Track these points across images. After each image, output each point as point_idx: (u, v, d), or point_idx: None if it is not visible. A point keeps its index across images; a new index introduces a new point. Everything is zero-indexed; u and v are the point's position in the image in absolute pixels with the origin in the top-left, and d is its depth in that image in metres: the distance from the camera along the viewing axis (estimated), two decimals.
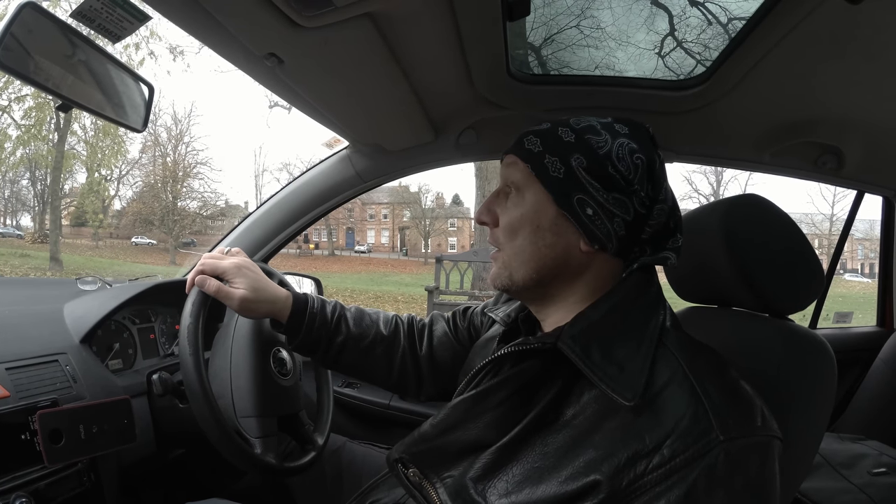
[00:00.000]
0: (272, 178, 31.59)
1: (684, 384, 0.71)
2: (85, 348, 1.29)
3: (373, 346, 1.19)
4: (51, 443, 1.04)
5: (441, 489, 0.83)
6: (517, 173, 0.89)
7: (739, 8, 1.22)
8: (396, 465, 0.92)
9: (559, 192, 0.84)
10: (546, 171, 0.85)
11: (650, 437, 0.68)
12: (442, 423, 0.88)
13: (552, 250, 0.86)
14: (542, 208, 0.86)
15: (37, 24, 0.98)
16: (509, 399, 0.83)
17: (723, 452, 0.65)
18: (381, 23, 1.07)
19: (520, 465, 0.76)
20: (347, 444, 1.55)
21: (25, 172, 25.04)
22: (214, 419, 1.06)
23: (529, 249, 0.87)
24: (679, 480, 0.65)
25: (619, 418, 0.72)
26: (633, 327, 0.80)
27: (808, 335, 1.00)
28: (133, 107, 1.28)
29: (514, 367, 0.87)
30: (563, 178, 0.83)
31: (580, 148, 0.84)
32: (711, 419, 0.67)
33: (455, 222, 33.83)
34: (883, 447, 1.72)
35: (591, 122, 0.86)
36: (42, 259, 17.72)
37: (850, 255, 27.70)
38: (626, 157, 0.83)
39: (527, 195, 0.87)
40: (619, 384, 0.72)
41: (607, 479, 0.67)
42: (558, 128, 0.87)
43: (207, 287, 1.09)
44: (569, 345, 0.78)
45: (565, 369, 0.79)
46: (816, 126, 1.59)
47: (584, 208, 0.83)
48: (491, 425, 0.83)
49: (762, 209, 1.07)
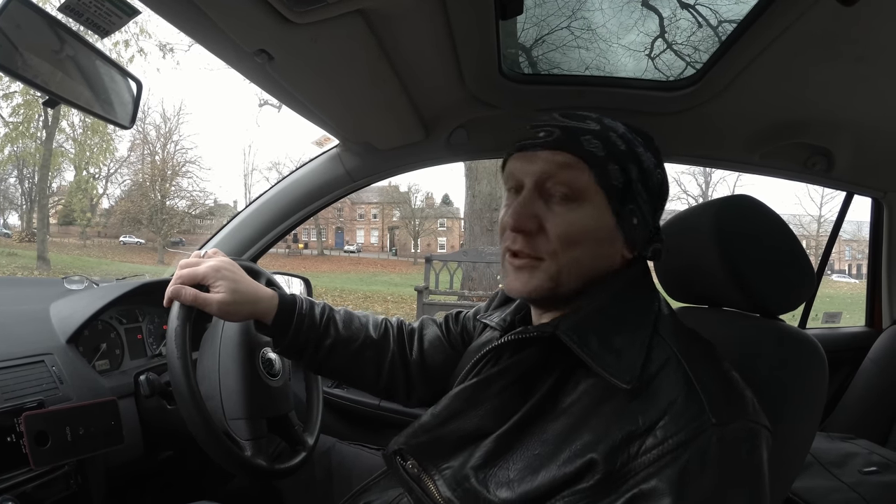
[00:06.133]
0: (261, 178, 31.47)
1: (678, 369, 0.73)
2: (71, 349, 1.27)
3: (362, 350, 1.17)
4: (37, 445, 1.03)
5: (440, 481, 0.83)
6: (579, 177, 0.81)
7: (730, 10, 1.23)
8: (395, 457, 0.92)
9: (619, 202, 0.83)
10: (609, 178, 0.81)
11: (643, 419, 0.69)
12: (443, 413, 0.89)
13: (605, 261, 0.85)
14: (603, 219, 0.82)
15: (24, 18, 0.97)
16: (509, 388, 0.84)
17: (715, 435, 0.66)
18: (372, 20, 1.06)
19: (519, 453, 0.77)
20: (337, 444, 1.54)
21: (13, 170, 24.81)
22: (203, 421, 1.04)
23: (587, 262, 0.83)
24: (671, 461, 0.66)
25: (614, 402, 0.73)
26: (628, 316, 0.81)
27: (799, 335, 1.00)
28: (121, 103, 1.27)
29: (513, 356, 0.88)
30: (622, 189, 0.82)
31: (633, 158, 0.84)
32: (704, 403, 0.68)
33: (445, 222, 33.77)
34: (873, 446, 1.73)
35: (624, 130, 0.86)
36: (29, 258, 17.59)
37: (838, 256, 27.90)
38: (653, 170, 0.86)
39: (589, 203, 0.82)
40: (616, 369, 0.74)
41: (603, 458, 0.69)
42: (609, 132, 0.84)
43: (183, 297, 1.05)
44: (567, 333, 0.79)
45: (563, 358, 0.80)
46: (807, 127, 1.61)
47: (632, 218, 0.84)
48: (490, 414, 0.84)
49: (753, 209, 1.07)
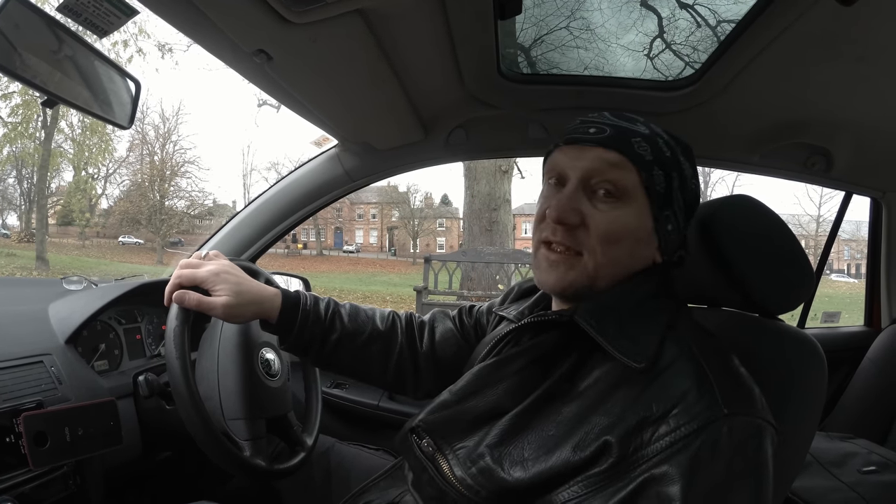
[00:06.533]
0: (260, 178, 31.43)
1: (692, 361, 0.75)
2: (70, 349, 1.26)
3: (369, 343, 1.17)
4: (35, 445, 1.02)
5: (453, 460, 0.84)
6: (626, 177, 0.83)
7: (729, 11, 1.23)
8: (410, 435, 0.93)
9: (659, 207, 0.85)
10: (654, 182, 0.84)
11: (657, 406, 0.71)
12: (462, 390, 0.90)
13: (641, 263, 0.87)
14: (644, 221, 0.85)
15: (23, 18, 0.96)
16: (527, 368, 0.86)
17: (726, 426, 0.68)
18: (371, 20, 1.06)
19: (534, 433, 0.79)
20: (336, 445, 1.54)
21: (12, 170, 24.85)
22: (202, 422, 1.04)
23: (625, 262, 0.85)
24: (683, 448, 0.67)
25: (629, 388, 0.75)
26: (646, 310, 0.84)
27: (798, 335, 1.01)
28: (120, 103, 1.26)
29: (533, 339, 0.90)
30: (664, 194, 0.84)
31: (675, 166, 0.86)
32: (717, 394, 0.70)
33: (444, 222, 33.79)
34: (872, 445, 1.73)
35: (664, 136, 0.87)
36: (28, 258, 17.56)
37: (837, 255, 27.91)
38: (690, 179, 0.88)
39: (632, 203, 0.83)
40: (630, 352, 0.76)
41: (617, 442, 0.70)
42: (657, 138, 0.86)
43: (187, 302, 1.04)
44: (585, 318, 0.82)
45: (581, 343, 0.82)
46: (806, 127, 1.61)
47: (667, 224, 0.86)
48: (508, 392, 0.85)
49: (752, 209, 1.07)
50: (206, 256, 1.12)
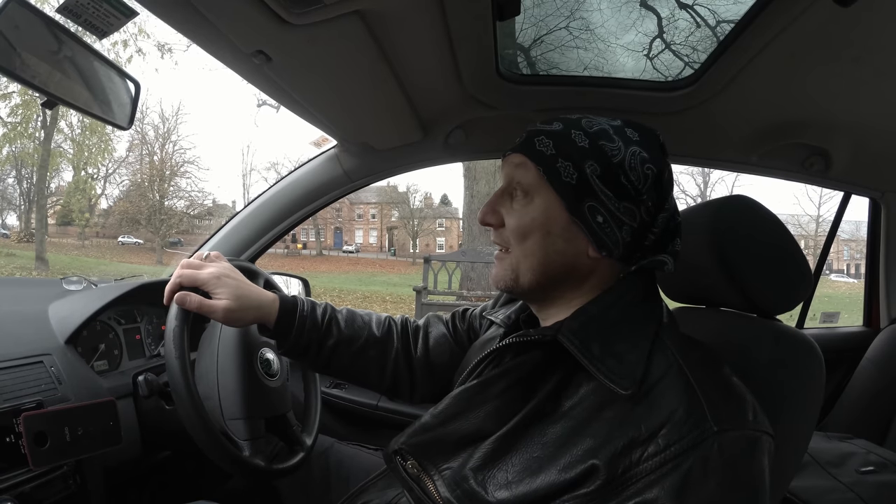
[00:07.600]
0: (260, 178, 31.34)
1: (680, 377, 0.73)
2: (70, 349, 1.27)
3: (365, 349, 1.17)
4: (35, 445, 1.02)
5: (439, 481, 0.83)
6: (527, 175, 0.87)
7: (728, 11, 1.23)
8: (395, 457, 0.92)
9: (571, 198, 0.84)
10: (558, 175, 0.84)
11: (646, 426, 0.70)
12: (443, 413, 0.89)
13: (561, 256, 0.86)
14: (553, 214, 0.85)
15: (23, 19, 0.96)
16: (510, 390, 0.85)
17: (716, 443, 0.67)
18: (370, 20, 1.06)
19: (519, 455, 0.78)
20: (335, 445, 1.54)
21: (11, 170, 24.75)
22: (201, 421, 1.05)
23: (539, 254, 0.86)
24: (673, 469, 0.66)
25: (616, 408, 0.74)
26: (631, 323, 0.82)
27: (796, 335, 1.01)
28: (119, 104, 1.26)
29: (515, 359, 0.89)
30: (576, 185, 0.83)
31: (594, 154, 0.83)
32: (706, 411, 0.69)
33: (443, 222, 33.76)
34: (870, 445, 1.74)
35: (603, 126, 0.86)
36: (28, 258, 17.53)
37: (836, 255, 27.89)
38: (638, 166, 0.84)
39: (536, 199, 0.86)
40: (616, 375, 0.74)
41: (604, 464, 0.69)
42: (571, 130, 0.85)
43: (189, 304, 1.04)
44: (568, 337, 0.80)
45: (565, 362, 0.81)
46: (805, 128, 1.61)
47: (595, 216, 0.83)
48: (491, 415, 0.84)
49: (751, 210, 1.07)
50: (206, 257, 1.12)
